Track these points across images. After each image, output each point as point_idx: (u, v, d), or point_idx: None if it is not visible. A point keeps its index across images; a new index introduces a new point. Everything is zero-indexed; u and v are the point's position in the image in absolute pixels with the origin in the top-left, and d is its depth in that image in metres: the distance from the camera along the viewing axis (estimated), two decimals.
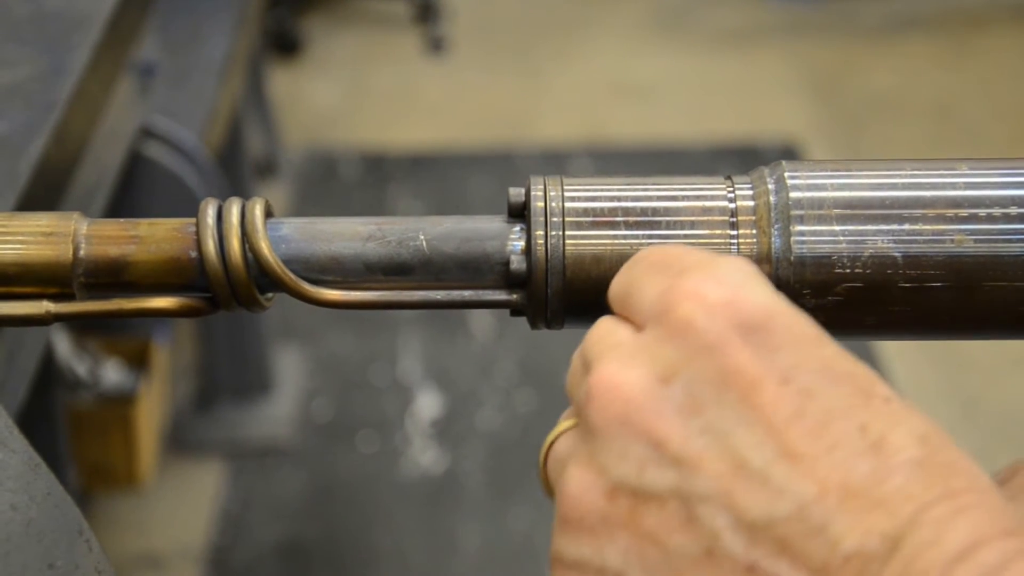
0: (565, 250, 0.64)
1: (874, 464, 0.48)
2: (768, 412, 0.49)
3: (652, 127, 3.70)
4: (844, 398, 0.49)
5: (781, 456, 0.48)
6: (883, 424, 0.49)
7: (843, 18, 4.24)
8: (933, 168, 0.64)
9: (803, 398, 0.49)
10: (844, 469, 0.48)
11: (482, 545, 2.42)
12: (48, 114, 1.20)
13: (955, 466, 0.49)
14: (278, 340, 2.81)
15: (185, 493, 2.52)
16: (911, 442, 0.48)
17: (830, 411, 0.49)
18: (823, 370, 0.50)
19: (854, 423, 0.49)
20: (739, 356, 0.50)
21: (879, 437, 0.48)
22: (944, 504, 0.47)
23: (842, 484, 0.48)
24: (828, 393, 0.49)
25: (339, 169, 3.56)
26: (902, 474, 0.48)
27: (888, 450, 0.48)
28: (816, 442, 0.48)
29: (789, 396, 0.49)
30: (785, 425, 0.49)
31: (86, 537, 0.65)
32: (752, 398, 0.49)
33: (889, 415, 0.49)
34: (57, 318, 0.65)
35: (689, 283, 0.51)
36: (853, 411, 0.49)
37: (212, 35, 2.46)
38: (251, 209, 0.66)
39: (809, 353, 0.50)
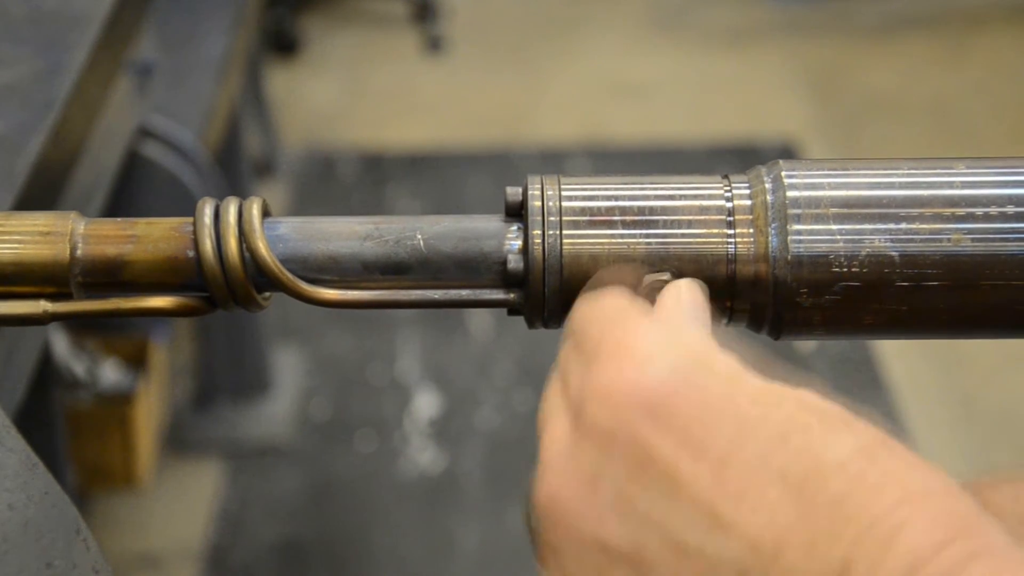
0: (562, 249, 0.64)
1: (800, 510, 0.49)
2: (691, 489, 0.50)
3: (650, 126, 3.70)
4: (760, 451, 0.50)
5: (713, 528, 0.50)
6: (804, 462, 0.50)
7: (841, 17, 4.24)
8: (930, 167, 0.64)
9: (719, 466, 0.50)
10: (772, 524, 0.49)
11: (480, 545, 2.42)
12: (46, 113, 1.20)
13: (892, 476, 0.49)
14: (276, 339, 2.81)
15: (183, 492, 2.52)
16: (834, 471, 0.49)
17: (748, 469, 0.50)
18: (735, 430, 0.51)
19: (774, 473, 0.50)
20: (651, 444, 0.51)
21: (801, 478, 0.49)
22: (882, 524, 0.47)
23: (774, 540, 0.49)
24: (743, 452, 0.50)
25: (337, 168, 3.56)
26: (828, 511, 0.48)
27: (811, 490, 0.49)
28: (741, 505, 0.50)
29: (705, 468, 0.51)
30: (709, 497, 0.50)
31: (83, 536, 0.65)
32: (673, 480, 0.51)
33: (808, 448, 0.50)
34: (54, 318, 0.65)
35: (595, 377, 0.53)
36: (771, 460, 0.50)
37: (210, 34, 2.46)
38: (248, 208, 0.66)
39: (718, 418, 0.51)
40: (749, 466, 0.50)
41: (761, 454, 0.50)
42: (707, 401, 0.52)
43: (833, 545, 0.48)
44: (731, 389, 0.52)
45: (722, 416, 0.51)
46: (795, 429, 0.50)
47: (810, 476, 0.49)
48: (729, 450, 0.50)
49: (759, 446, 0.50)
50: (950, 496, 0.48)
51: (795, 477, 0.49)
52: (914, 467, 0.49)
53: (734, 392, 0.52)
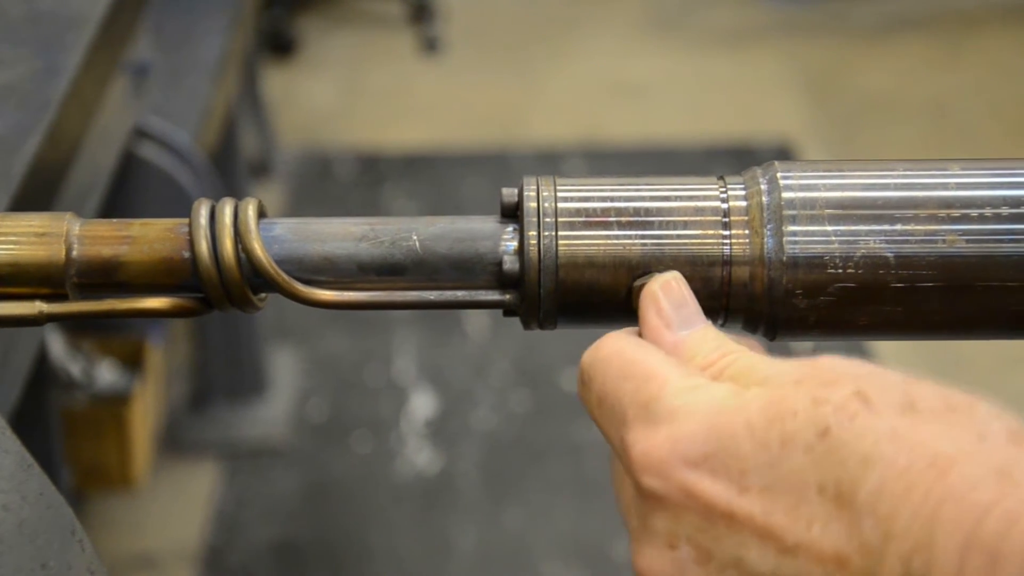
0: (558, 250, 0.64)
1: (845, 518, 0.50)
2: (750, 522, 0.53)
3: (647, 127, 3.70)
4: (793, 467, 0.52)
5: (782, 553, 0.52)
6: (832, 469, 0.51)
7: (838, 18, 4.24)
8: (925, 168, 0.64)
9: (765, 493, 0.53)
10: (828, 535, 0.51)
11: (477, 545, 2.42)
12: (42, 114, 1.20)
13: (919, 449, 0.50)
14: (273, 340, 2.81)
15: (180, 493, 2.52)
16: (861, 469, 0.50)
17: (789, 488, 0.52)
18: (766, 457, 0.53)
19: (811, 488, 0.52)
20: (701, 492, 0.54)
21: (835, 486, 0.51)
22: (923, 509, 0.48)
23: (835, 551, 0.51)
24: (778, 475, 0.52)
25: (334, 169, 3.56)
26: (868, 513, 0.50)
27: (847, 496, 0.51)
28: (796, 524, 0.52)
29: (754, 498, 0.53)
30: (766, 524, 0.52)
31: (79, 537, 0.65)
32: (731, 518, 0.53)
33: (832, 453, 0.51)
34: (50, 318, 0.65)
35: (634, 447, 0.56)
36: (805, 474, 0.52)
37: (206, 35, 2.46)
38: (244, 209, 0.66)
39: (748, 448, 0.53)
40: (789, 485, 0.52)
41: (795, 470, 0.52)
42: (733, 434, 0.54)
43: (887, 545, 0.49)
44: (748, 413, 0.54)
45: (752, 446, 0.53)
46: (814, 436, 0.52)
47: (842, 481, 0.51)
48: (767, 475, 0.52)
49: (791, 463, 0.52)
50: (980, 452, 0.49)
51: (830, 486, 0.51)
52: (939, 429, 0.50)
53: (751, 417, 0.54)
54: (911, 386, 0.53)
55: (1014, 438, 0.50)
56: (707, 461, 0.54)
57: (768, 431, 0.53)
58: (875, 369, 0.54)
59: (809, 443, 0.52)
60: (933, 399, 0.52)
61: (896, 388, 0.52)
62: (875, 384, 0.53)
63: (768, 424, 0.53)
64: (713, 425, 0.54)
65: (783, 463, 0.52)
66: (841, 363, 0.55)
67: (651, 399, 0.56)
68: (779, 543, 0.52)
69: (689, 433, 0.55)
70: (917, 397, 0.52)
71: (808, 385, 0.54)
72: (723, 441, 0.54)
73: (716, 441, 0.54)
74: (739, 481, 0.53)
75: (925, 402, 0.52)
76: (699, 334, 0.60)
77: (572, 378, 2.82)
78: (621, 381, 0.58)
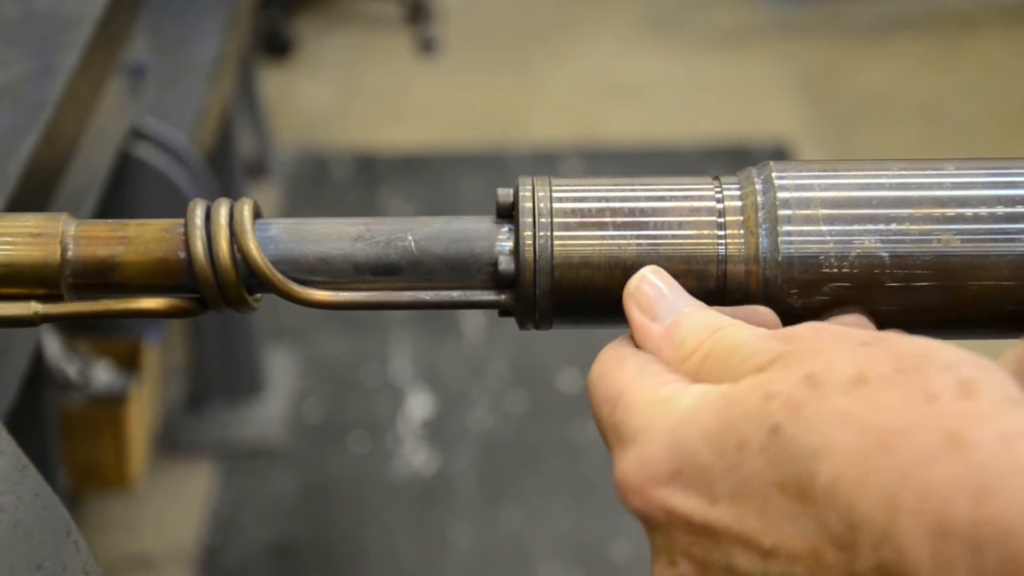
0: (553, 251, 0.64)
1: (809, 514, 0.50)
2: (728, 531, 0.53)
3: (643, 127, 3.71)
4: (755, 472, 0.52)
5: (765, 557, 0.52)
6: (787, 467, 0.51)
7: (834, 18, 4.24)
8: (920, 168, 0.64)
9: (733, 500, 0.53)
10: (799, 534, 0.51)
11: (473, 546, 2.42)
12: (38, 115, 1.20)
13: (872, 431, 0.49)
14: (269, 341, 2.81)
15: (176, 494, 2.52)
16: (812, 462, 0.50)
17: (754, 493, 0.52)
18: (726, 464, 0.53)
19: (774, 489, 0.51)
20: (677, 509, 0.54)
21: (795, 486, 0.51)
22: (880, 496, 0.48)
23: (809, 547, 0.51)
24: (741, 480, 0.52)
25: (330, 170, 3.56)
26: (828, 506, 0.50)
27: (806, 493, 0.50)
28: (768, 528, 0.52)
29: (725, 507, 0.53)
30: (742, 531, 0.52)
31: (74, 538, 0.65)
32: (711, 529, 0.53)
33: (784, 450, 0.51)
34: (45, 319, 0.65)
35: (617, 471, 0.56)
36: (765, 477, 0.52)
37: (203, 36, 2.46)
38: (239, 210, 0.66)
39: (709, 458, 0.53)
40: (753, 488, 0.52)
41: (755, 473, 0.52)
42: (693, 447, 0.54)
43: (856, 535, 0.49)
44: (703, 426, 0.54)
45: (709, 454, 0.53)
46: (766, 435, 0.52)
47: (799, 477, 0.50)
48: (731, 482, 0.52)
49: (750, 466, 0.52)
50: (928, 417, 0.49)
51: (790, 483, 0.51)
52: (887, 400, 0.50)
53: (707, 427, 0.54)
54: (863, 354, 0.52)
55: (964, 391, 0.49)
56: (676, 478, 0.54)
57: (724, 438, 0.53)
58: (834, 339, 0.54)
59: (763, 443, 0.51)
60: (884, 363, 0.51)
61: (847, 360, 0.52)
62: (826, 361, 0.52)
63: (723, 431, 0.53)
64: (674, 441, 0.54)
65: (743, 467, 0.52)
66: (808, 335, 0.55)
67: (621, 421, 0.57)
68: (758, 547, 0.52)
69: (654, 453, 0.55)
70: (868, 365, 0.51)
71: (768, 373, 0.53)
72: (686, 456, 0.54)
73: (680, 457, 0.54)
74: (708, 492, 0.53)
75: (876, 369, 0.51)
76: (686, 318, 0.60)
77: (569, 379, 2.82)
78: (602, 404, 0.59)
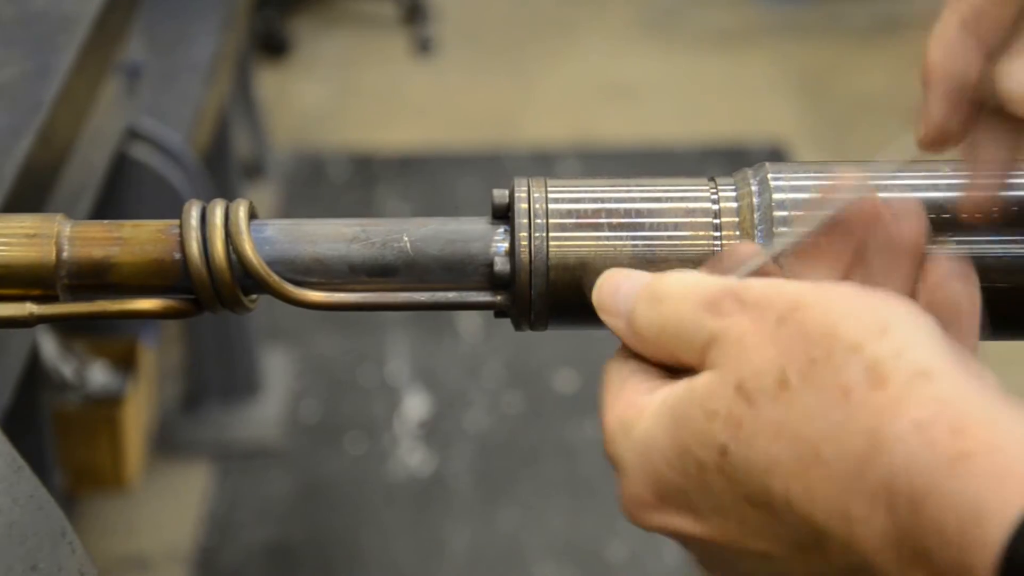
0: (549, 252, 0.64)
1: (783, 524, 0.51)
2: (725, 544, 0.53)
3: (640, 128, 3.71)
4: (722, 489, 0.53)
5: (762, 560, 0.53)
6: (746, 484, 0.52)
7: (831, 19, 4.24)
8: (915, 170, 0.64)
9: (717, 515, 0.53)
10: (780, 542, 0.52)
11: (470, 546, 2.42)
12: (34, 115, 1.20)
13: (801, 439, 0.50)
14: (266, 341, 2.80)
15: (172, 495, 2.52)
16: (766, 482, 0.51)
17: (731, 507, 0.53)
18: (695, 483, 0.53)
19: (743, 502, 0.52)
20: (678, 529, 0.55)
21: (758, 498, 0.51)
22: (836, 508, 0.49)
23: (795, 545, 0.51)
24: (716, 495, 0.53)
25: (327, 170, 3.55)
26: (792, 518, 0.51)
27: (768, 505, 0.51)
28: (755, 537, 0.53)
29: (715, 524, 0.53)
30: (735, 542, 0.53)
31: (69, 539, 0.65)
32: (716, 545, 0.54)
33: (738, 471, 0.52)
34: (40, 320, 0.65)
35: (621, 499, 0.57)
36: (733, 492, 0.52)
37: (199, 36, 2.46)
38: (235, 211, 0.66)
39: (679, 480, 0.54)
40: (727, 502, 0.53)
41: (723, 490, 0.52)
42: (661, 473, 0.54)
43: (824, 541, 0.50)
44: (663, 453, 0.54)
45: (677, 477, 0.54)
46: (717, 457, 0.52)
47: (757, 492, 0.52)
48: (708, 498, 0.53)
49: (716, 485, 0.53)
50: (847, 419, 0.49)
51: (754, 495, 0.52)
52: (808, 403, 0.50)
53: (666, 453, 0.54)
54: (781, 342, 0.52)
55: (874, 378, 0.49)
56: (663, 502, 0.55)
57: (683, 461, 0.54)
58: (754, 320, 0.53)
59: (717, 464, 0.52)
60: (798, 353, 0.51)
61: (768, 356, 0.52)
62: (749, 366, 0.52)
63: (680, 455, 0.54)
64: (646, 470, 0.55)
65: (710, 486, 0.53)
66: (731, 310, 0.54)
67: (610, 454, 0.57)
68: (755, 553, 0.53)
69: (635, 482, 0.55)
70: (786, 359, 0.51)
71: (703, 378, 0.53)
72: (660, 482, 0.54)
73: (655, 483, 0.55)
74: (693, 510, 0.54)
75: (793, 363, 0.51)
76: (637, 303, 0.58)
77: (565, 379, 2.82)
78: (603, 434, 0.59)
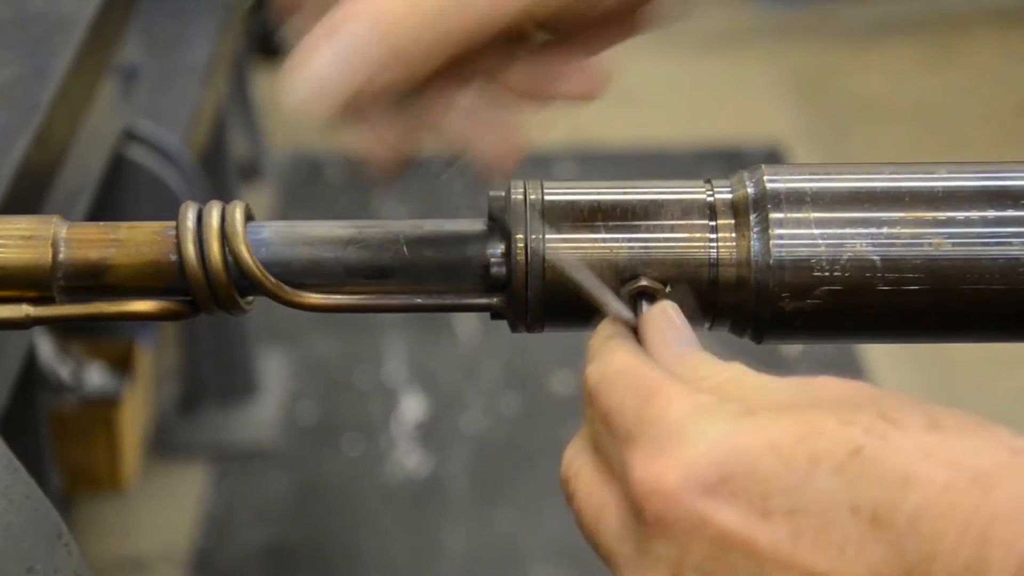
0: (545, 254, 0.64)
1: (884, 542, 0.48)
2: (774, 551, 0.49)
3: (637, 130, 3.71)
4: (823, 488, 0.49)
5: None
6: (867, 490, 0.49)
7: (827, 21, 4.25)
8: (912, 171, 0.64)
9: (790, 518, 0.49)
10: (864, 561, 0.48)
11: (467, 547, 2.42)
12: (30, 116, 1.20)
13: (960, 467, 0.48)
14: (263, 343, 2.80)
15: (169, 496, 2.52)
16: (899, 489, 0.48)
17: (819, 512, 0.49)
18: (792, 478, 0.50)
19: (844, 510, 0.49)
20: (719, 521, 0.50)
21: (872, 507, 0.48)
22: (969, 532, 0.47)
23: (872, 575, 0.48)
24: (806, 497, 0.49)
25: (324, 172, 3.55)
26: (910, 536, 0.47)
27: (884, 518, 0.48)
28: (827, 552, 0.49)
29: (779, 525, 0.49)
30: (792, 552, 0.49)
31: (65, 541, 0.65)
32: (752, 548, 0.50)
33: (866, 473, 0.49)
34: (36, 322, 0.65)
35: (642, 467, 0.51)
36: (836, 496, 0.49)
37: (196, 37, 2.46)
38: (231, 212, 0.66)
39: (772, 469, 0.50)
40: (818, 507, 0.49)
41: (825, 491, 0.49)
42: (754, 455, 0.50)
43: (931, 565, 0.47)
44: (769, 433, 0.51)
45: (774, 465, 0.50)
46: (845, 455, 0.49)
47: (878, 502, 0.48)
48: (793, 498, 0.49)
49: (820, 484, 0.49)
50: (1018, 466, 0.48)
51: (865, 506, 0.48)
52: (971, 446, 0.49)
53: (775, 436, 0.50)
54: (931, 407, 0.51)
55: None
56: (724, 485, 0.50)
57: (795, 450, 0.50)
58: (888, 392, 0.52)
59: (840, 462, 0.49)
60: (956, 419, 0.50)
61: (917, 408, 0.51)
62: (896, 404, 0.51)
63: (795, 443, 0.50)
64: (731, 447, 0.50)
65: (811, 484, 0.49)
66: (851, 386, 0.53)
67: (657, 417, 0.52)
68: (806, 570, 0.49)
69: (702, 455, 0.51)
70: (939, 416, 0.50)
71: (829, 406, 0.51)
72: (743, 463, 0.50)
73: (734, 464, 0.50)
74: (761, 506, 0.49)
75: (948, 420, 0.50)
76: (699, 352, 0.57)
77: (562, 380, 2.82)
78: (627, 395, 0.54)
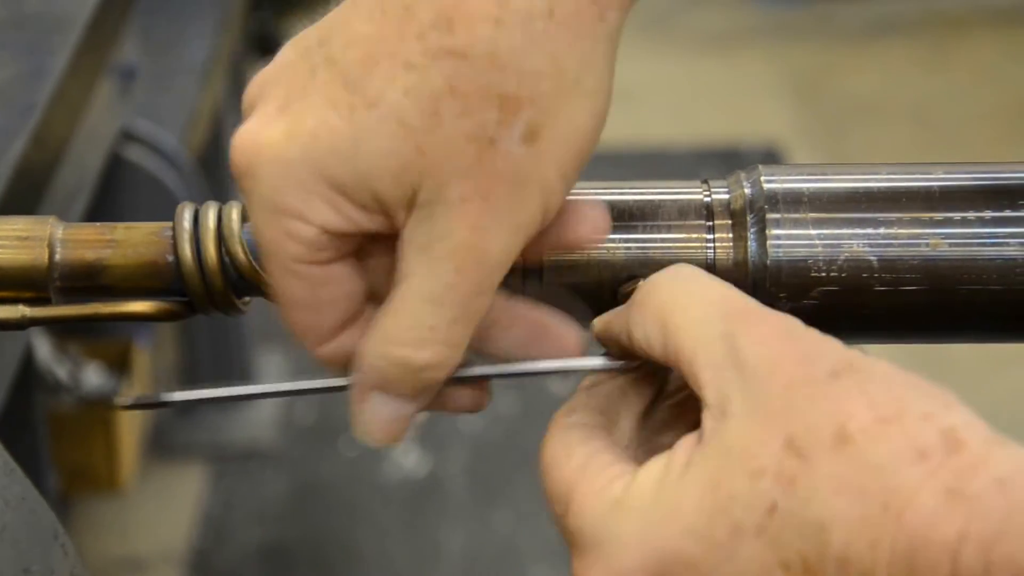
0: (542, 255, 0.64)
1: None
2: None
3: (634, 130, 3.71)
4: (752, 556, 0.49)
5: None
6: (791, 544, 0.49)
7: (825, 21, 4.25)
8: (909, 172, 0.64)
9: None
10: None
11: (465, 548, 2.42)
12: (27, 117, 1.20)
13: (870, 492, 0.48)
14: (260, 343, 2.80)
15: (167, 496, 2.52)
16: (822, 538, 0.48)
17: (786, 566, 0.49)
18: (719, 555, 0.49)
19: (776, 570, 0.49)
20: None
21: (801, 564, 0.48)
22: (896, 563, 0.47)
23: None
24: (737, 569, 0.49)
25: None
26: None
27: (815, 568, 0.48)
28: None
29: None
30: None
31: (61, 542, 0.65)
32: None
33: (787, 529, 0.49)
34: (33, 322, 0.65)
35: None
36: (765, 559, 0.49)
37: (194, 37, 2.46)
38: (228, 213, 0.66)
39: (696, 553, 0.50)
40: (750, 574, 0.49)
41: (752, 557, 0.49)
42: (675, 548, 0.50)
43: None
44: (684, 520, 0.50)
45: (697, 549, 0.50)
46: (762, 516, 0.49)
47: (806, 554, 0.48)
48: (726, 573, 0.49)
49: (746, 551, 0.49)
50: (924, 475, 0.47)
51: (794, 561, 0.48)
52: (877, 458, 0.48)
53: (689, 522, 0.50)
54: (837, 398, 0.50)
55: (951, 444, 0.48)
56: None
57: (712, 529, 0.49)
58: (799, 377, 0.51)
59: (760, 525, 0.49)
60: (861, 412, 0.49)
61: (822, 413, 0.49)
62: (801, 422, 0.50)
63: (710, 522, 0.49)
64: (651, 544, 0.50)
65: (738, 555, 0.49)
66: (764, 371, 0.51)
67: (576, 529, 0.52)
68: None
69: (626, 561, 0.50)
70: (844, 417, 0.49)
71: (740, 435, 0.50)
72: (667, 556, 0.50)
73: (660, 560, 0.50)
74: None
75: (854, 421, 0.49)
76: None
77: (560, 381, 2.82)
78: (553, 502, 0.54)
